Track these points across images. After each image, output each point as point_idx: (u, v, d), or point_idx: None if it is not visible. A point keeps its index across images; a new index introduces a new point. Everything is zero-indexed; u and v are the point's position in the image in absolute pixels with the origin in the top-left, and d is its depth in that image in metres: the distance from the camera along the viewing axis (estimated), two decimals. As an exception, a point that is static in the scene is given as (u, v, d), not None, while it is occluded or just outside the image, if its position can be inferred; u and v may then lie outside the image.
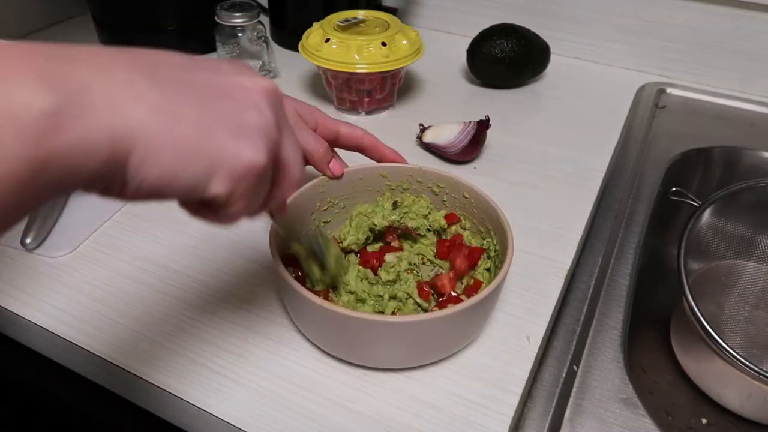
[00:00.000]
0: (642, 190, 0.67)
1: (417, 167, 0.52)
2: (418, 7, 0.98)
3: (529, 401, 0.44)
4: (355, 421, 0.40)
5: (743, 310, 0.66)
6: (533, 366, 0.44)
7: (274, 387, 0.42)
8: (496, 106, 0.76)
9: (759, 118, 0.79)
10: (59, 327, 0.46)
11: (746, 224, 0.67)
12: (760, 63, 0.80)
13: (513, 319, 0.48)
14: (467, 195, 0.50)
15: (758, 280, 0.67)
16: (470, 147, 0.64)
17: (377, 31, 0.71)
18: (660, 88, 0.84)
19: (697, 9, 0.79)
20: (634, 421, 0.44)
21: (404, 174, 0.52)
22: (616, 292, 0.54)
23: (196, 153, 0.24)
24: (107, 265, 0.51)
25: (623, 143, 0.73)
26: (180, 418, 0.43)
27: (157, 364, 0.43)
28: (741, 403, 0.57)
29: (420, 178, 0.51)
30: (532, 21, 0.81)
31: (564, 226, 0.57)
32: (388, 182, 0.52)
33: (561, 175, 0.64)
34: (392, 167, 0.52)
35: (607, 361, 0.48)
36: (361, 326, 0.38)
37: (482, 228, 0.49)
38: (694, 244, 0.62)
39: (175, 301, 0.48)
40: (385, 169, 0.52)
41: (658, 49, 0.84)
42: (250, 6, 0.78)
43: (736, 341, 0.64)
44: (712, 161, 0.75)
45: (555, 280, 0.51)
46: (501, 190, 0.61)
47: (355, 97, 0.73)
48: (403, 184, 0.52)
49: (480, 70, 0.80)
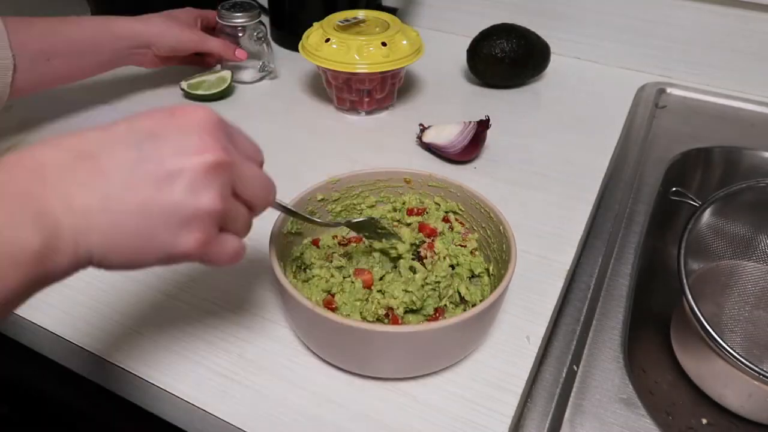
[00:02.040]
0: (642, 190, 0.67)
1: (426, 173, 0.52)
2: (418, 7, 0.98)
3: (529, 401, 0.44)
4: (355, 421, 0.40)
5: (743, 310, 0.66)
6: (533, 366, 0.44)
7: (273, 387, 0.42)
8: (496, 106, 0.76)
9: (759, 118, 0.79)
10: (59, 327, 0.46)
11: (746, 224, 0.67)
12: (760, 63, 0.80)
13: (513, 319, 0.48)
14: (473, 201, 0.49)
15: (758, 280, 0.67)
16: (470, 147, 0.64)
17: (377, 31, 0.71)
18: (660, 88, 0.84)
19: (697, 9, 0.79)
20: (634, 421, 0.44)
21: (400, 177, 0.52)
22: (616, 292, 0.54)
23: (147, 249, 0.31)
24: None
25: (623, 143, 0.73)
26: (180, 417, 0.43)
27: (157, 364, 0.43)
28: (741, 403, 0.57)
29: (432, 182, 0.51)
30: (532, 21, 0.81)
31: (564, 226, 0.57)
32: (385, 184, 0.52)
33: (561, 175, 0.64)
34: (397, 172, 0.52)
35: (607, 361, 0.48)
36: (360, 336, 0.38)
37: (477, 226, 0.49)
38: (694, 244, 0.62)
39: (175, 301, 0.48)
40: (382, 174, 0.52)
41: (658, 49, 0.84)
42: (251, 6, 0.78)
43: (736, 341, 0.64)
44: (712, 161, 0.75)
45: (555, 280, 0.51)
46: (501, 190, 0.61)
47: (355, 97, 0.73)
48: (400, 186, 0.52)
49: (480, 70, 0.80)
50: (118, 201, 0.29)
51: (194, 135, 0.31)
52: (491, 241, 0.48)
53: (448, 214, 0.52)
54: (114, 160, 0.29)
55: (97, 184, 0.29)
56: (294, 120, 0.74)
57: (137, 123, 0.31)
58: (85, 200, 0.28)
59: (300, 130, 0.71)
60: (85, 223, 0.28)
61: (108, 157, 0.29)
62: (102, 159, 0.29)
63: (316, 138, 0.70)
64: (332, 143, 0.69)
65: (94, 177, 0.29)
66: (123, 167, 0.29)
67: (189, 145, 0.30)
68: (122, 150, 0.30)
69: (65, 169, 0.28)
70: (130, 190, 0.29)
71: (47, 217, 0.27)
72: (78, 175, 0.29)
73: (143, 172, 0.29)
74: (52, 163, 0.28)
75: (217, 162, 0.31)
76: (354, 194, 0.52)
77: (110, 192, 0.29)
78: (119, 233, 0.29)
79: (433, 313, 0.45)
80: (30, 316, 0.47)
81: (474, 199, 0.49)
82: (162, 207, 0.30)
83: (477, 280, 0.48)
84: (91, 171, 0.29)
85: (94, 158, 0.29)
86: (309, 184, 0.49)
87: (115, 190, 0.29)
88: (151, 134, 0.30)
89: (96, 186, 0.29)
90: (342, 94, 0.74)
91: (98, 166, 0.29)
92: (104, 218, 0.29)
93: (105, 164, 0.29)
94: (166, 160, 0.30)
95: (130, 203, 0.29)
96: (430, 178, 0.51)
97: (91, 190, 0.29)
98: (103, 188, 0.29)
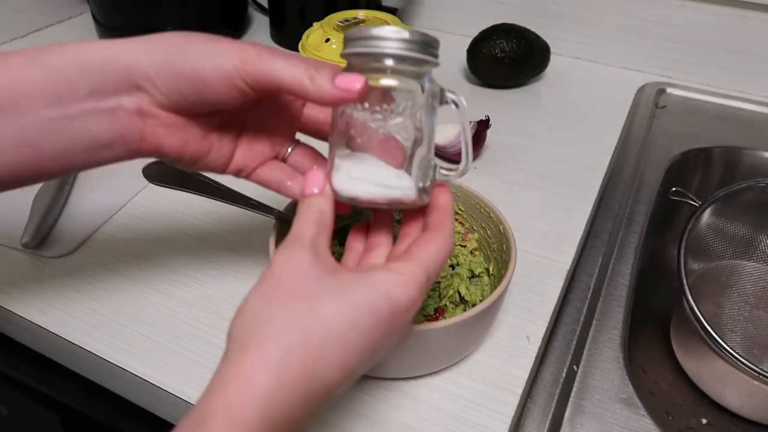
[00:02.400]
0: (642, 190, 0.67)
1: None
2: (418, 7, 0.98)
3: (529, 401, 0.44)
4: (355, 421, 0.40)
5: (743, 310, 0.66)
6: (533, 366, 0.44)
7: (274, 387, 0.42)
8: (496, 106, 0.76)
9: (759, 118, 0.79)
10: (59, 327, 0.46)
11: (746, 224, 0.67)
12: (761, 63, 0.80)
13: (513, 319, 0.48)
14: (473, 201, 0.49)
15: (758, 280, 0.67)
16: (470, 147, 0.64)
17: (377, 31, 0.71)
18: (660, 88, 0.84)
19: (697, 9, 0.79)
20: (634, 421, 0.43)
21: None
22: (616, 292, 0.54)
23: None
24: (107, 265, 0.51)
25: (623, 143, 0.73)
26: (180, 417, 0.43)
27: (157, 364, 0.43)
28: (741, 403, 0.57)
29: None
30: (532, 21, 0.81)
31: (564, 226, 0.57)
32: None
33: (561, 175, 0.64)
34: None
35: (607, 361, 0.48)
36: None
37: (477, 226, 0.49)
38: (694, 244, 0.62)
39: (176, 301, 0.48)
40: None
41: (658, 49, 0.84)
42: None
43: (736, 341, 0.64)
44: (712, 161, 0.75)
45: (555, 280, 0.51)
46: (501, 190, 0.61)
47: (355, 97, 0.73)
48: None
49: (480, 70, 0.80)
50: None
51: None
52: (491, 241, 0.48)
53: None
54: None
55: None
56: (294, 120, 0.74)
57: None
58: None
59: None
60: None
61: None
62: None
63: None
64: (332, 143, 0.69)
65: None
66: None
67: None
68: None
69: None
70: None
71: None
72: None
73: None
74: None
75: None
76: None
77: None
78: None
79: (433, 313, 0.45)
80: (30, 316, 0.47)
81: (474, 199, 0.49)
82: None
83: (477, 280, 0.48)
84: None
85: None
86: (309, 184, 0.49)
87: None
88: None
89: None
90: (342, 94, 0.73)
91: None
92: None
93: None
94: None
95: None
96: None
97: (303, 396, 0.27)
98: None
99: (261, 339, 0.27)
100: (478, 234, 0.50)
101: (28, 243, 0.52)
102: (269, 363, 0.26)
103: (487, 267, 0.48)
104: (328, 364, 0.27)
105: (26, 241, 0.52)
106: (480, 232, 0.50)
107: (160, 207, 0.57)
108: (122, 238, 0.54)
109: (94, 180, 0.61)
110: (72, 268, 0.51)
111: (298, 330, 0.27)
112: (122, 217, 0.57)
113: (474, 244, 0.49)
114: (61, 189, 0.57)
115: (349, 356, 0.28)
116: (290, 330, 0.27)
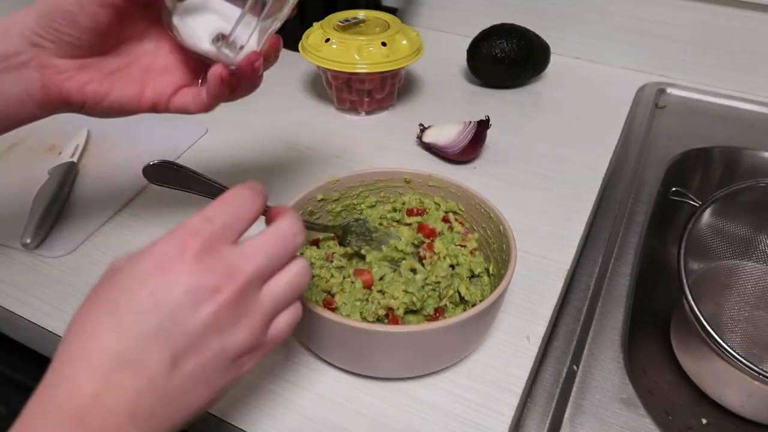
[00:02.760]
0: (642, 190, 0.67)
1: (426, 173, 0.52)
2: (418, 7, 0.98)
3: (529, 401, 0.44)
4: (355, 421, 0.40)
5: (743, 310, 0.66)
6: (533, 366, 0.44)
7: (273, 386, 0.42)
8: (496, 106, 0.76)
9: (759, 118, 0.79)
10: (59, 327, 0.46)
11: (746, 224, 0.67)
12: (761, 63, 0.80)
13: (513, 319, 0.48)
14: (473, 201, 0.49)
15: (758, 280, 0.67)
16: (470, 147, 0.64)
17: (377, 31, 0.71)
18: (660, 88, 0.84)
19: (696, 9, 0.79)
20: (634, 421, 0.44)
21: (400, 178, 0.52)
22: (616, 292, 0.54)
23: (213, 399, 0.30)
24: (107, 265, 0.51)
25: (623, 143, 0.73)
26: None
27: (157, 364, 0.43)
28: (741, 403, 0.57)
29: (432, 182, 0.51)
30: (532, 21, 0.81)
31: (564, 226, 0.57)
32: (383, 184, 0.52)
33: (561, 175, 0.64)
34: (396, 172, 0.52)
35: (607, 361, 0.48)
36: (360, 336, 0.38)
37: (477, 226, 0.49)
38: (694, 244, 0.62)
39: (175, 301, 0.48)
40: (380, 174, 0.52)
41: (658, 49, 0.84)
42: None
43: (736, 341, 0.64)
44: (712, 161, 0.75)
45: (555, 280, 0.51)
46: (501, 190, 0.61)
47: (355, 97, 0.73)
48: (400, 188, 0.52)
49: (480, 70, 0.80)
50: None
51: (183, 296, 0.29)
52: (491, 241, 0.48)
53: (447, 214, 0.52)
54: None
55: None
56: (294, 120, 0.74)
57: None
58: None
59: (300, 130, 0.71)
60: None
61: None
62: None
63: (316, 138, 0.70)
64: (332, 143, 0.69)
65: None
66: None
67: (191, 319, 0.28)
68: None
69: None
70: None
71: None
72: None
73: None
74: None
75: (228, 300, 0.29)
76: (354, 194, 0.52)
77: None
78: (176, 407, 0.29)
79: (433, 313, 0.45)
80: (30, 316, 0.47)
81: (474, 199, 0.49)
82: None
83: (477, 280, 0.48)
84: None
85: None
86: (309, 184, 0.49)
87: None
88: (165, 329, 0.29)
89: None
90: (342, 94, 0.74)
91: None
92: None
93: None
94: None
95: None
96: (430, 178, 0.51)
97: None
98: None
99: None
100: (478, 234, 0.50)
101: (28, 243, 0.52)
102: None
103: (487, 267, 0.48)
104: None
105: (26, 241, 0.52)
106: (480, 232, 0.50)
107: (160, 207, 0.57)
108: (122, 238, 0.54)
109: (94, 180, 0.61)
110: (72, 268, 0.51)
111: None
112: (122, 217, 0.57)
113: (474, 244, 0.49)
114: (61, 189, 0.57)
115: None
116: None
